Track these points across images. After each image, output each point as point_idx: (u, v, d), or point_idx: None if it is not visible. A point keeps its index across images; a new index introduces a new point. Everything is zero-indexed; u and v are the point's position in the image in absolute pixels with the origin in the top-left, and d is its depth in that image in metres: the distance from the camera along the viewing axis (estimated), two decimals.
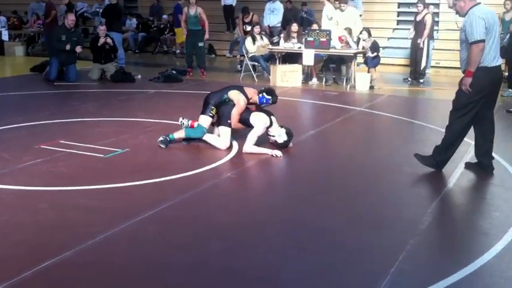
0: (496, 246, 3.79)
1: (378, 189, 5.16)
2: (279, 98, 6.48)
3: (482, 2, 5.38)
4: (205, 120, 6.20)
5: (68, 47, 10.72)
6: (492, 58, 5.17)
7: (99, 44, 11.24)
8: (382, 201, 4.86)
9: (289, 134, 6.15)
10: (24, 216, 4.23)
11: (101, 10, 13.97)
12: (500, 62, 5.32)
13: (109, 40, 11.30)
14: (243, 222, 4.23)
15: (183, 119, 6.53)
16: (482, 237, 4.00)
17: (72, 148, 6.02)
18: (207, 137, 6.19)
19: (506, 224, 4.21)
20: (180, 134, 6.25)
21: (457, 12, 5.36)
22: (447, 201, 4.69)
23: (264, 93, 6.31)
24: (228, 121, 6.11)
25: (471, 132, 5.52)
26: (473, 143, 5.80)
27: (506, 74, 11.64)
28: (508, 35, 10.62)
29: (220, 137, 6.15)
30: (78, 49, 10.91)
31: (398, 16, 15.42)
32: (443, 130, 6.90)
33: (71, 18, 11.11)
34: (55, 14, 14.00)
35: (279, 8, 13.92)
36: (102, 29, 11.40)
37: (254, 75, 11.82)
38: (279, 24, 13.85)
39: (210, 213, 4.41)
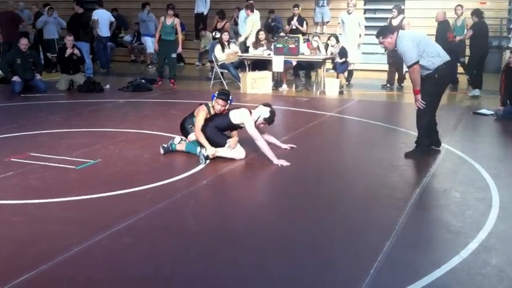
0: (471, 244, 3.86)
1: (352, 192, 5.20)
2: (249, 105, 6.49)
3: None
4: (193, 137, 6.16)
5: (15, 78, 10.60)
6: None
7: (66, 55, 11.11)
8: (356, 204, 4.90)
9: (266, 105, 6.19)
10: None
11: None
12: None
13: (76, 51, 11.17)
14: (216, 232, 4.21)
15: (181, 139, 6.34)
16: (457, 236, 4.06)
17: (43, 160, 5.90)
18: (221, 152, 5.97)
19: (480, 222, 4.30)
20: (181, 147, 6.22)
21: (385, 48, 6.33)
22: (421, 202, 4.76)
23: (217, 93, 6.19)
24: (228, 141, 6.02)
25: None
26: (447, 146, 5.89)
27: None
28: None
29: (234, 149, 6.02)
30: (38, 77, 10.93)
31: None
32: (411, 132, 7.04)
33: (23, 43, 10.95)
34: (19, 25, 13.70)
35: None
36: (69, 40, 11.25)
37: (224, 83, 11.83)
38: None
39: (184, 223, 4.36)
